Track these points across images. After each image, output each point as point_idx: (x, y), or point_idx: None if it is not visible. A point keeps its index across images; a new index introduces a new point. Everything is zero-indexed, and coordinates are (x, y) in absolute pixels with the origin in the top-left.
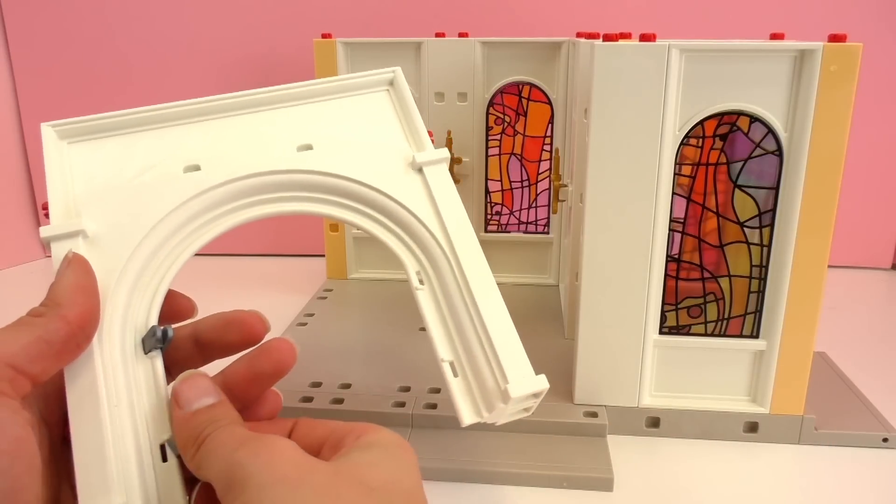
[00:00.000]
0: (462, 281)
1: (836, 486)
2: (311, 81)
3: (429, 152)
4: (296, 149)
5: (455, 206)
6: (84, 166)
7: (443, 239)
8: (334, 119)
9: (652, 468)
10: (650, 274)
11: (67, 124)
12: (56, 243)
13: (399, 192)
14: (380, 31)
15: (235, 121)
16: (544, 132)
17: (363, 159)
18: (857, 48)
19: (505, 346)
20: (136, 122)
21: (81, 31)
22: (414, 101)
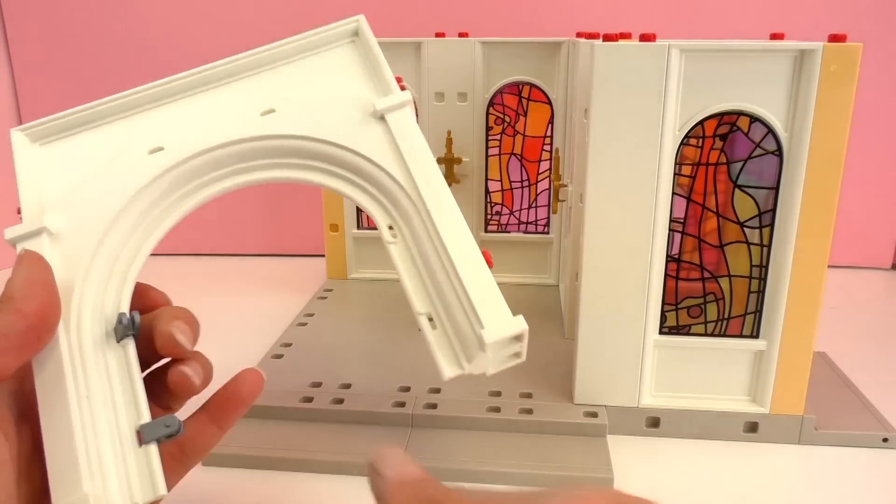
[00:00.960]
0: (433, 230)
1: (836, 486)
2: (273, 44)
3: (389, 97)
4: (259, 114)
5: (421, 153)
6: (56, 166)
7: (410, 189)
8: (298, 80)
9: (652, 468)
10: (650, 274)
11: (37, 126)
12: (21, 244)
13: (361, 145)
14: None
15: (201, 97)
16: (544, 132)
17: (325, 116)
18: (857, 48)
19: (479, 292)
20: (104, 114)
21: (81, 31)
22: (380, 49)
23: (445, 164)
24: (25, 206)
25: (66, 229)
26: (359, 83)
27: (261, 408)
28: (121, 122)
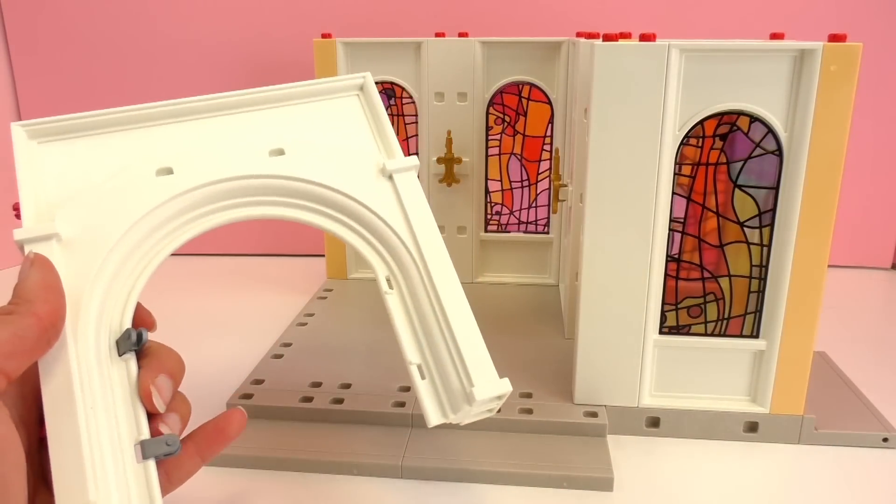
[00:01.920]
0: (430, 285)
1: (836, 486)
2: (284, 85)
3: (399, 160)
4: (268, 153)
5: (424, 212)
6: (56, 167)
7: (411, 244)
8: (306, 123)
9: (652, 468)
10: (650, 274)
11: (38, 124)
12: (30, 246)
13: (369, 198)
14: (380, 31)
15: (207, 123)
16: (544, 132)
17: (335, 165)
18: (857, 48)
19: (471, 350)
20: (107, 123)
21: (81, 32)
22: (384, 107)
23: (445, 164)
24: (25, 203)
25: (75, 237)
26: (367, 137)
27: (261, 408)
28: (125, 133)
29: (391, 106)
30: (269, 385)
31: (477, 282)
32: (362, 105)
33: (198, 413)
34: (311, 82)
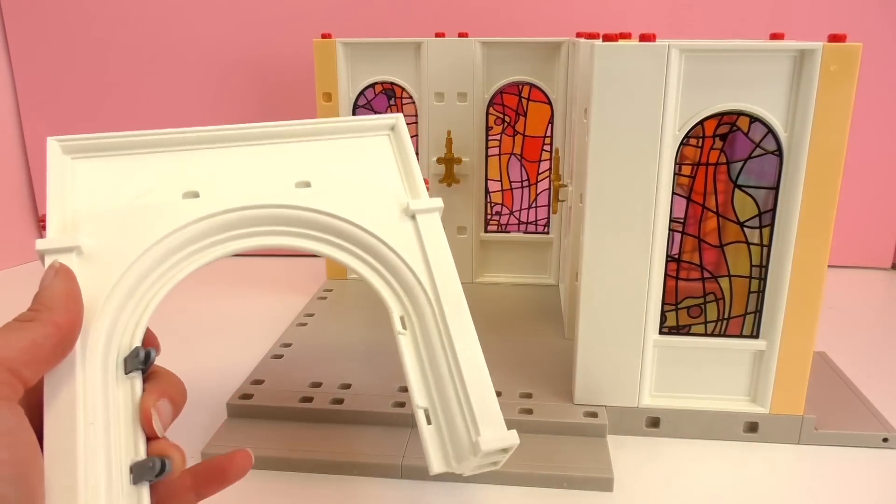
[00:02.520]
0: (444, 329)
1: (836, 486)
2: (315, 120)
3: (423, 200)
4: (294, 184)
5: (444, 255)
6: (86, 182)
7: (429, 286)
8: (334, 158)
9: (652, 468)
10: (650, 274)
11: (73, 140)
12: (50, 257)
13: (391, 237)
14: (380, 31)
15: (237, 151)
16: (544, 132)
17: (359, 201)
18: (857, 48)
19: (480, 399)
20: (140, 144)
21: (81, 33)
22: (413, 148)
23: (445, 164)
24: (51, 215)
25: (96, 252)
26: (393, 177)
27: (261, 408)
28: (156, 156)
29: (391, 106)
30: (269, 385)
31: (477, 282)
32: (392, 145)
33: (198, 413)
34: (343, 119)
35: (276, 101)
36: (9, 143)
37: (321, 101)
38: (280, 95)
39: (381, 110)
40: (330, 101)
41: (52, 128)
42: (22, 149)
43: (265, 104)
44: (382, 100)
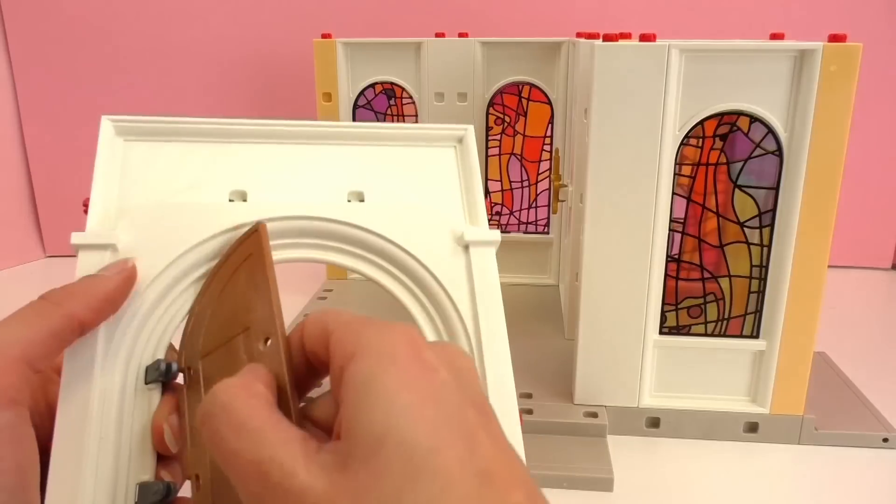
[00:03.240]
0: (481, 375)
1: (836, 486)
2: (378, 125)
3: (480, 231)
4: (346, 195)
5: (493, 297)
6: (134, 168)
7: (471, 325)
8: (392, 168)
9: (652, 468)
10: (650, 274)
11: (126, 121)
12: (84, 252)
13: (441, 271)
14: (380, 31)
15: (292, 149)
16: (544, 132)
17: (412, 223)
18: (857, 48)
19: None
20: (193, 132)
21: (81, 31)
22: (479, 165)
23: None
24: (95, 202)
25: (131, 250)
26: (453, 196)
27: None
28: (207, 146)
29: (391, 106)
30: None
31: None
32: (457, 159)
33: None
34: (406, 126)
35: (276, 101)
36: (9, 143)
37: (321, 101)
38: (280, 95)
39: (381, 110)
40: (330, 101)
41: (52, 128)
42: (22, 149)
43: (265, 104)
44: (382, 100)
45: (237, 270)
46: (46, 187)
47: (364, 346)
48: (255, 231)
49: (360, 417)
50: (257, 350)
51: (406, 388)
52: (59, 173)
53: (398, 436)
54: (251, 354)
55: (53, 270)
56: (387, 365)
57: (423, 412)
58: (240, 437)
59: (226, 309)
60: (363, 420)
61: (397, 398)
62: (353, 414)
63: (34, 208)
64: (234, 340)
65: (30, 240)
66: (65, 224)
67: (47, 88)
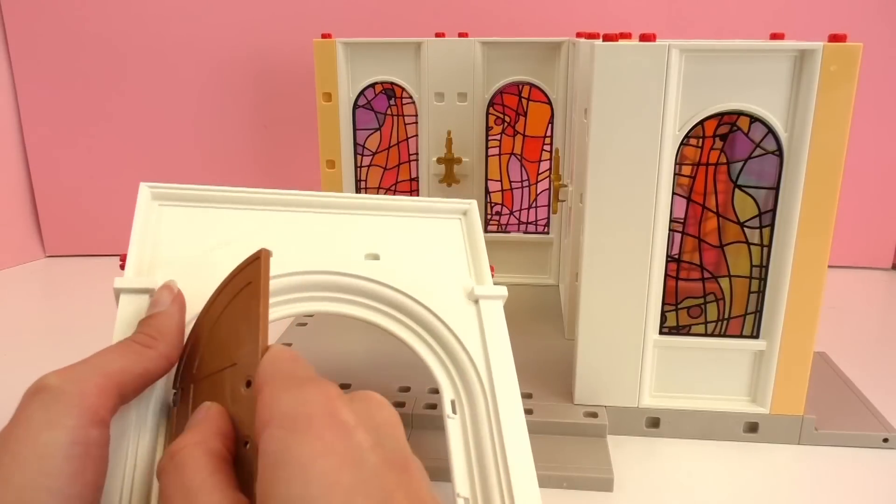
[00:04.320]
0: (495, 419)
1: (836, 486)
2: (390, 197)
3: (488, 287)
4: (364, 256)
5: (503, 345)
6: (168, 228)
7: (484, 374)
8: (404, 234)
9: (652, 468)
10: (650, 274)
11: (162, 188)
12: (126, 295)
13: (453, 321)
14: (380, 31)
15: (314, 217)
16: (544, 132)
17: (425, 279)
18: (857, 48)
19: (524, 499)
20: (223, 199)
21: (81, 31)
22: (482, 234)
23: (445, 164)
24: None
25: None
26: (460, 259)
27: None
28: (237, 212)
29: (391, 106)
30: None
31: None
32: (462, 229)
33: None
34: (416, 199)
35: (276, 101)
36: (9, 143)
37: (321, 101)
38: (280, 95)
39: (382, 110)
40: (330, 100)
41: (52, 128)
42: (22, 149)
43: (265, 104)
44: (382, 100)
45: (236, 296)
46: (46, 187)
47: (279, 413)
48: (256, 258)
49: (276, 490)
50: (238, 392)
51: (321, 455)
52: (59, 173)
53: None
54: (233, 395)
55: (53, 270)
56: (302, 431)
57: (339, 478)
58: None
59: (221, 335)
60: (280, 492)
61: (312, 466)
62: (269, 486)
63: (34, 208)
64: (223, 373)
65: (30, 240)
66: (65, 224)
67: (47, 88)
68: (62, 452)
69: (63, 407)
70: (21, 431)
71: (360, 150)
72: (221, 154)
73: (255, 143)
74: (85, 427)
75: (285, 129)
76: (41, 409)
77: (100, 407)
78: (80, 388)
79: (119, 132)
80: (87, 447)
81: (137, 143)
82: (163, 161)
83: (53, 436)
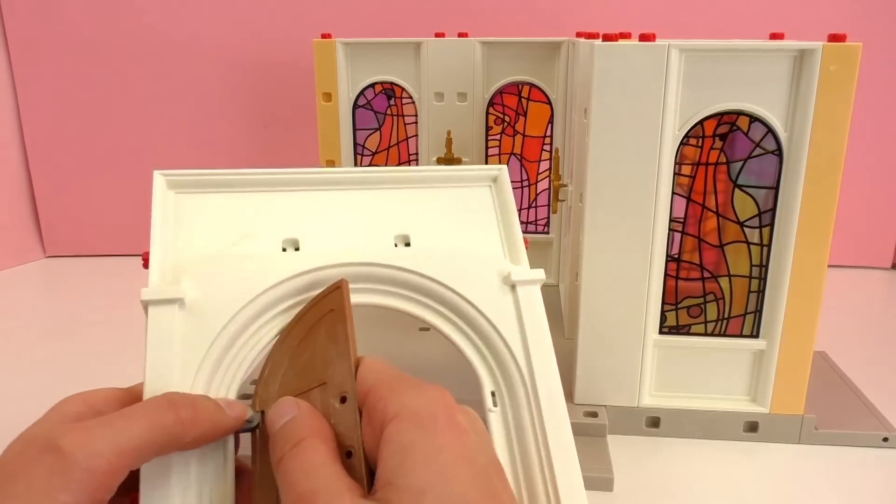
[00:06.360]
0: (536, 410)
1: (836, 485)
2: (416, 168)
3: (524, 270)
4: (393, 239)
5: (542, 332)
6: (189, 220)
7: (524, 363)
8: (434, 211)
9: (652, 468)
10: (650, 274)
11: (177, 175)
12: (154, 308)
13: (489, 308)
14: (380, 31)
15: (336, 196)
16: (544, 132)
17: (460, 265)
18: (857, 48)
19: (568, 487)
20: (241, 183)
21: (81, 32)
22: (514, 204)
23: (445, 164)
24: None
25: (197, 303)
26: (493, 236)
27: None
28: (257, 195)
29: (391, 106)
30: None
31: None
32: (493, 198)
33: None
34: (444, 168)
35: (276, 101)
36: (9, 143)
37: (321, 101)
38: (280, 95)
39: (381, 110)
40: (330, 101)
41: (52, 128)
42: (22, 149)
43: (265, 104)
44: (382, 100)
45: (318, 323)
46: (46, 187)
47: (405, 408)
48: (337, 287)
49: (404, 473)
50: (333, 407)
51: (443, 450)
52: (59, 173)
53: (438, 490)
54: (326, 410)
55: (53, 270)
56: (428, 427)
57: (457, 471)
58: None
59: (303, 359)
60: (407, 475)
61: (436, 458)
62: (397, 470)
63: (34, 208)
64: (311, 393)
65: (30, 240)
66: (65, 224)
67: (47, 89)
68: None
69: (68, 482)
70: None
71: (359, 150)
72: (221, 154)
73: (254, 143)
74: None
75: (285, 129)
76: (45, 476)
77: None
78: (91, 464)
79: (119, 132)
80: None
81: (137, 142)
82: (163, 161)
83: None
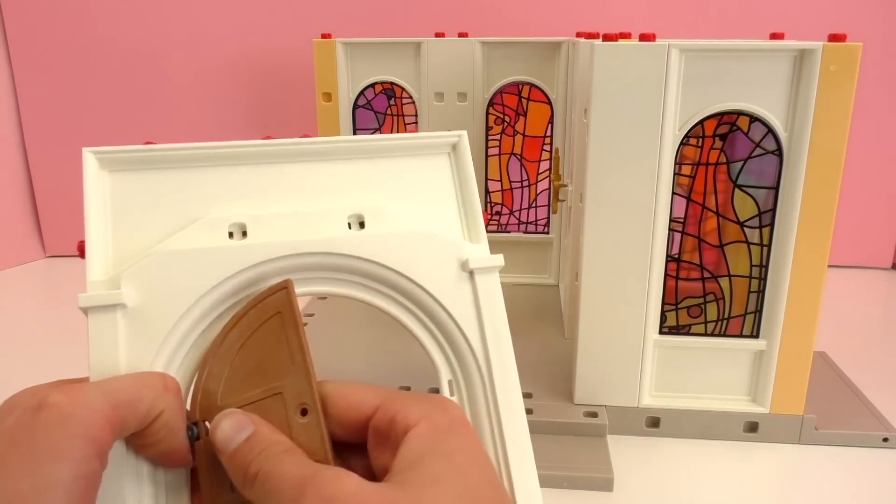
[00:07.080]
0: (492, 401)
1: (836, 486)
2: (371, 137)
3: (483, 256)
4: (346, 221)
5: (499, 321)
6: (125, 204)
7: (480, 353)
8: (390, 186)
9: (652, 468)
10: (650, 274)
11: (110, 153)
12: (94, 315)
13: (446, 297)
14: (380, 31)
15: (284, 169)
16: (544, 132)
17: (416, 252)
18: (857, 48)
19: (522, 481)
20: (180, 159)
21: (81, 32)
22: (473, 174)
23: None
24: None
25: (140, 306)
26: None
27: None
28: (196, 171)
29: (391, 106)
30: None
31: None
32: (452, 167)
33: None
34: (401, 136)
35: (276, 102)
36: (9, 143)
37: (321, 101)
38: (280, 95)
39: (381, 110)
40: (330, 100)
41: (52, 128)
42: (22, 149)
43: (265, 104)
44: (382, 100)
45: (262, 326)
46: (46, 187)
47: (428, 416)
48: (283, 288)
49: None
50: (295, 421)
51: (460, 451)
52: (59, 173)
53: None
54: (288, 424)
55: (53, 270)
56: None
57: (471, 470)
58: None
59: (249, 364)
60: (425, 464)
61: (453, 458)
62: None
63: (34, 208)
64: (264, 403)
65: (30, 240)
66: (65, 224)
67: (47, 89)
68: (64, 488)
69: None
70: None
71: None
72: None
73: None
74: (90, 460)
75: (285, 129)
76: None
77: (104, 441)
78: (89, 416)
79: (119, 132)
80: (88, 481)
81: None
82: None
83: (57, 469)
